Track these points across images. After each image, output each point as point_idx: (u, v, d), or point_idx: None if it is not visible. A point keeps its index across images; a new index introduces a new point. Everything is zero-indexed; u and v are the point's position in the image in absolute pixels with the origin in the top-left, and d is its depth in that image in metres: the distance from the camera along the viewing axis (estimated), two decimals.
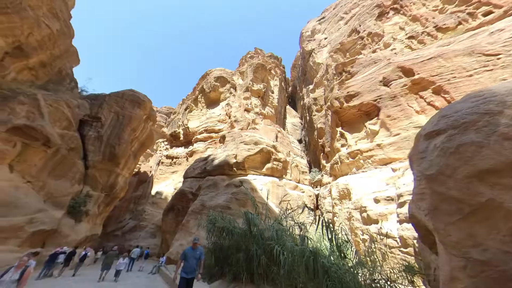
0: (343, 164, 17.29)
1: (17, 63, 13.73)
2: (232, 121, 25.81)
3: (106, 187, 18.86)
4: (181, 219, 17.80)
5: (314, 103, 33.93)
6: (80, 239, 15.69)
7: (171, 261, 14.00)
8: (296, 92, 55.47)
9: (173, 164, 34.25)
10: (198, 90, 38.99)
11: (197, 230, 14.36)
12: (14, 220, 11.35)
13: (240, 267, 7.98)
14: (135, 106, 21.61)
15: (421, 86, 15.86)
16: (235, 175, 17.53)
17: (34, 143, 12.64)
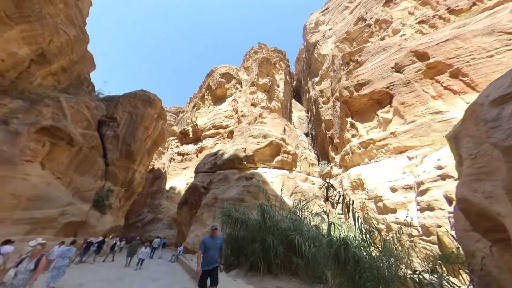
0: (354, 155, 16.56)
1: (42, 70, 14.29)
2: (239, 116, 25.35)
3: (125, 183, 19.62)
4: (195, 211, 18.04)
5: (320, 95, 32.92)
6: (106, 230, 16.74)
7: (188, 250, 14.40)
8: (301, 85, 54.24)
9: (184, 161, 34.59)
10: (204, 88, 38.65)
11: (211, 222, 14.20)
12: (48, 212, 12.07)
13: (256, 257, 7.70)
14: (147, 105, 22.04)
15: (437, 70, 14.81)
16: (245, 168, 17.16)
17: (60, 142, 13.26)
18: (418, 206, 9.61)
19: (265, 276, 7.43)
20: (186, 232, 18.52)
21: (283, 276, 7.43)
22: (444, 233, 8.11)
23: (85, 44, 18.34)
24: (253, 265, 8.10)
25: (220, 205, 14.61)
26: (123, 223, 21.37)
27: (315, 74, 39.59)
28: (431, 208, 8.74)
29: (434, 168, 9.22)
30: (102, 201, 16.67)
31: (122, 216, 20.83)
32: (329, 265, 5.01)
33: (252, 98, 26.76)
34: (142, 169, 22.15)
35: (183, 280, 8.39)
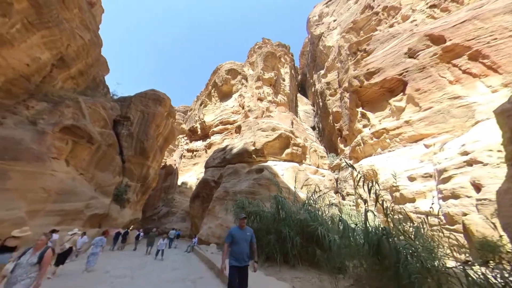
0: (366, 145, 15.83)
1: (62, 74, 14.78)
2: (246, 111, 24.87)
3: (140, 178, 20.30)
4: (207, 205, 18.10)
5: (327, 87, 31.89)
6: (126, 222, 17.68)
7: (202, 241, 14.58)
8: (306, 79, 52.97)
9: (194, 157, 34.79)
10: (210, 85, 38.32)
11: (224, 215, 14.02)
12: (75, 205, 12.77)
13: (272, 248, 7.44)
14: (157, 103, 22.40)
15: (454, 53, 13.77)
16: (255, 162, 16.68)
17: (81, 141, 13.84)
18: (440, 194, 8.95)
19: (282, 267, 7.14)
20: (199, 224, 18.88)
21: (300, 266, 7.12)
22: (470, 221, 7.48)
23: (99, 47, 18.69)
24: (269, 256, 7.87)
25: (232, 198, 14.36)
26: (141, 216, 22.47)
27: (321, 67, 38.42)
28: (455, 196, 8.08)
29: (458, 154, 8.51)
30: (121, 195, 17.46)
31: (140, 210, 21.86)
32: (362, 256, 4.54)
33: (258, 92, 26.17)
34: (155, 165, 22.71)
35: (200, 270, 8.30)
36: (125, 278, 6.99)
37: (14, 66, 11.03)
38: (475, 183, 7.43)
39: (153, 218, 27.54)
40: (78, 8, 14.60)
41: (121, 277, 7.03)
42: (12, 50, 10.73)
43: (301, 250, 7.34)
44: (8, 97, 11.29)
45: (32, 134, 11.04)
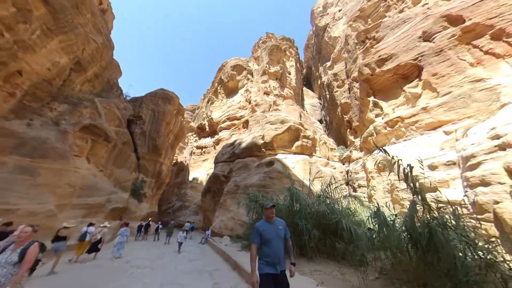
0: (379, 135, 15.03)
1: (80, 77, 15.26)
2: (253, 106, 24.34)
3: (154, 174, 21.01)
4: (218, 199, 18.10)
5: (334, 79, 30.75)
6: (143, 215, 18.57)
7: (215, 234, 14.67)
8: (312, 73, 51.54)
9: (203, 153, 35.00)
10: (217, 82, 37.96)
11: (235, 208, 13.82)
12: (97, 199, 13.40)
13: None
14: (166, 102, 22.82)
15: (474, 33, 12.64)
16: (264, 155, 16.24)
17: (98, 139, 14.40)
18: (467, 182, 8.23)
19: (299, 260, 6.78)
20: (211, 217, 19.01)
21: (318, 259, 6.76)
22: (503, 210, 6.79)
23: (111, 51, 19.06)
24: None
25: (243, 192, 14.09)
26: (157, 210, 23.79)
27: (327, 59, 37.15)
28: (485, 183, 7.37)
29: (488, 138, 7.73)
30: (138, 190, 18.22)
31: (156, 204, 22.99)
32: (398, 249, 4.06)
33: (265, 86, 25.53)
34: (167, 161, 23.38)
35: (215, 262, 8.21)
36: (144, 268, 7.01)
37: (37, 71, 11.50)
38: (510, 168, 6.69)
39: (168, 212, 28.70)
40: (90, 13, 14.92)
41: (141, 268, 7.08)
42: (34, 56, 11.11)
43: (318, 242, 6.95)
44: (34, 101, 11.89)
45: (56, 133, 11.68)
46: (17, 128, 10.41)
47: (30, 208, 9.29)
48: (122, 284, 5.31)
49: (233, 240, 12.49)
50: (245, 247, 9.56)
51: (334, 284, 4.89)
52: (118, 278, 5.85)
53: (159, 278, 5.86)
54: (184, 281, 5.69)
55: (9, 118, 10.56)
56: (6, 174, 9.34)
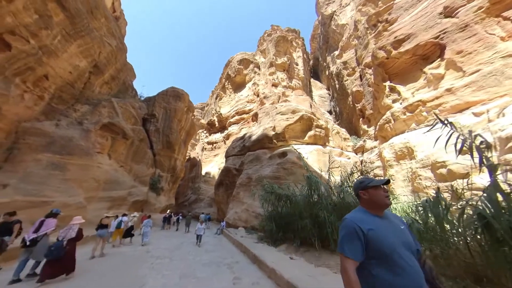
0: (397, 122, 13.90)
1: (98, 80, 15.71)
2: (262, 98, 23.55)
3: (169, 169, 21.71)
4: (230, 191, 17.96)
5: (344, 67, 29.19)
6: (162, 207, 19.30)
7: (230, 225, 14.68)
8: (319, 64, 49.53)
9: (214, 149, 35.11)
10: (224, 78, 37.35)
11: (249, 200, 13.47)
12: (120, 192, 14.03)
13: (309, 233, 6.68)
14: (177, 99, 23.22)
15: (504, 4, 11.04)
16: (276, 147, 15.52)
17: (117, 137, 14.92)
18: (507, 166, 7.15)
19: (322, 253, 6.25)
20: (224, 209, 19.16)
21: None
22: None
23: (124, 53, 19.35)
24: (304, 241, 7.06)
25: (255, 184, 13.64)
26: (174, 202, 25.00)
27: (335, 48, 35.33)
28: None
29: None
30: (156, 184, 18.90)
31: (172, 197, 24.05)
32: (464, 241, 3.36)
33: (272, 78, 24.58)
34: (181, 157, 24.00)
35: (233, 253, 7.88)
36: (164, 259, 6.92)
37: (60, 74, 12.03)
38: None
39: (185, 204, 29.78)
40: (104, 18, 15.22)
41: (160, 258, 7.01)
42: (57, 60, 11.56)
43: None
44: (61, 103, 12.65)
45: (80, 132, 12.35)
46: (47, 128, 11.08)
47: (64, 200, 10.11)
48: (142, 275, 5.16)
49: (248, 231, 12.23)
50: (262, 238, 9.17)
51: None
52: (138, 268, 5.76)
53: (178, 270, 5.64)
54: (203, 274, 5.41)
55: (41, 120, 11.30)
56: (41, 170, 10.10)
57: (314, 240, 6.28)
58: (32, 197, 9.27)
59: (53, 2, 10.49)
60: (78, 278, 4.57)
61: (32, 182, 9.63)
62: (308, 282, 3.69)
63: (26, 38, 9.69)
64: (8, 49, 9.34)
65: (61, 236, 4.67)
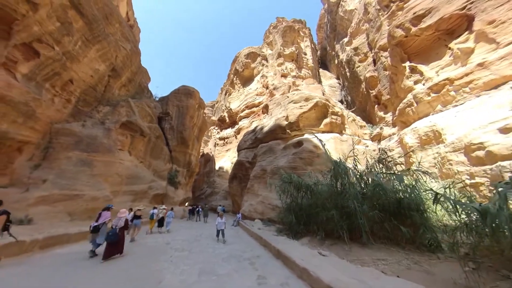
0: (421, 104, 12.61)
1: (117, 82, 16.20)
2: (271, 90, 22.65)
3: (185, 164, 22.21)
4: (244, 184, 17.69)
5: (355, 53, 27.37)
6: (180, 200, 19.91)
7: (245, 217, 14.54)
8: (327, 54, 47.22)
9: (226, 144, 34.96)
10: (232, 74, 36.68)
11: (264, 192, 12.98)
12: (141, 186, 14.46)
13: (336, 225, 6.01)
14: (188, 97, 23.48)
15: None
16: (290, 137, 14.62)
17: (135, 134, 15.35)
18: None
19: (352, 246, 5.56)
20: (239, 201, 19.04)
21: (375, 245, 5.49)
22: None
23: (138, 56, 19.72)
24: (328, 233, 6.45)
25: (270, 176, 13.08)
26: (191, 196, 25.87)
27: (343, 35, 33.27)
28: None
29: None
30: (173, 179, 19.40)
31: (190, 190, 24.85)
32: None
33: (281, 69, 23.52)
34: (195, 152, 24.46)
35: (253, 246, 7.38)
36: (183, 251, 6.67)
37: (83, 78, 12.54)
38: None
39: (201, 197, 30.39)
40: (118, 23, 15.57)
41: (179, 250, 6.74)
42: (79, 65, 12.01)
43: (373, 226, 5.60)
44: (86, 106, 13.40)
45: (103, 131, 12.90)
46: (75, 128, 11.79)
47: (93, 194, 10.71)
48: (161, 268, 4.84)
49: (265, 223, 11.77)
50: (280, 231, 8.73)
51: (417, 278, 3.54)
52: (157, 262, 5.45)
53: (197, 265, 5.19)
54: (223, 270, 4.86)
55: (69, 121, 12.10)
56: (72, 167, 10.80)
57: (343, 233, 5.59)
58: (66, 190, 9.91)
59: (72, 10, 10.77)
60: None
61: (66, 178, 10.27)
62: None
63: (51, 45, 10.06)
64: (37, 56, 9.79)
65: (114, 225, 5.86)
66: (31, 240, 5.63)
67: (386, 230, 5.37)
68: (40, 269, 4.57)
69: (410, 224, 5.32)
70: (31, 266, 4.66)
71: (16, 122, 9.18)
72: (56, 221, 9.06)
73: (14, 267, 4.56)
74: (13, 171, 9.47)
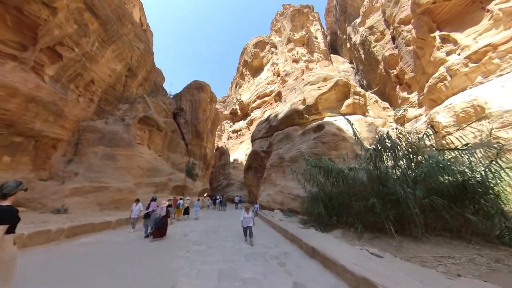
0: (456, 77, 10.83)
1: (134, 82, 16.55)
2: (283, 77, 21.26)
3: (201, 157, 22.53)
4: (260, 174, 17.06)
5: (370, 33, 24.83)
6: (199, 191, 20.36)
7: (263, 207, 14.23)
8: (337, 38, 43.85)
9: (239, 136, 34.63)
10: (241, 65, 35.45)
11: (283, 181, 12.13)
12: (161, 179, 14.81)
13: (380, 216, 5.02)
14: (200, 91, 23.47)
15: None
16: (307, 122, 13.39)
17: (152, 129, 15.68)
18: None
19: (402, 241, 4.58)
20: (255, 191, 18.66)
21: (432, 238, 4.43)
22: None
23: (151, 55, 19.98)
24: (366, 225, 5.51)
25: (288, 164, 12.16)
26: (209, 187, 26.51)
27: (355, 16, 30.42)
28: None
29: None
30: (191, 171, 19.69)
31: (207, 182, 25.44)
32: None
33: (292, 54, 21.94)
34: (209, 145, 24.68)
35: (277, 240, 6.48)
36: (200, 245, 5.97)
37: (103, 78, 12.97)
38: None
39: (218, 188, 30.89)
40: (131, 24, 15.77)
41: (197, 244, 6.09)
42: (98, 65, 12.41)
43: (428, 216, 4.65)
44: (107, 104, 14.06)
45: (123, 127, 13.41)
46: (99, 125, 12.43)
47: (118, 186, 11.12)
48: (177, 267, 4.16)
49: (286, 214, 10.84)
50: (305, 222, 7.78)
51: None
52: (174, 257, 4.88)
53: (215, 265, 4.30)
54: (247, 272, 3.89)
55: (94, 119, 12.83)
56: (98, 160, 11.32)
57: (388, 225, 4.63)
58: (95, 183, 10.44)
59: (87, 12, 11.03)
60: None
61: (93, 171, 10.82)
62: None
63: (71, 47, 10.43)
64: (61, 59, 10.22)
65: (159, 213, 7.02)
66: (57, 229, 5.76)
67: (444, 220, 4.29)
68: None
69: (474, 212, 4.19)
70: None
71: (48, 121, 9.75)
72: (88, 211, 9.54)
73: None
74: (51, 166, 10.31)
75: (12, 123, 8.44)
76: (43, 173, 9.97)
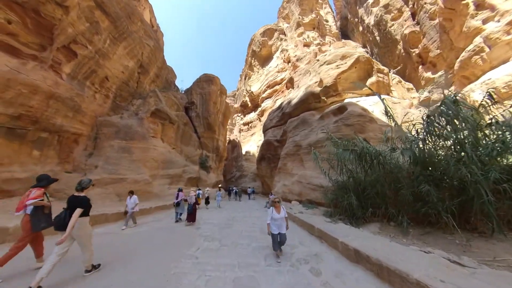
0: (497, 48, 9.47)
1: (146, 78, 16.68)
2: (294, 62, 20.10)
3: (214, 149, 22.55)
4: (274, 165, 16.53)
5: (386, 12, 22.73)
6: (213, 183, 20.56)
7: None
8: (347, 23, 40.92)
9: (250, 128, 34.13)
10: (249, 56, 34.31)
11: (300, 170, 11.45)
12: (175, 170, 14.95)
13: (436, 207, 4.13)
14: (210, 83, 23.28)
15: None
16: (325, 105, 12.28)
17: (165, 122, 15.76)
18: None
19: (469, 238, 3.69)
20: (269, 182, 18.17)
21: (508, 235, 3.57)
22: None
23: (162, 52, 20.05)
24: (411, 219, 4.68)
25: (306, 152, 11.43)
26: (223, 179, 26.92)
27: None
28: None
29: None
30: (204, 163, 19.72)
31: (220, 174, 25.73)
32: None
33: (303, 38, 20.61)
34: (221, 138, 24.60)
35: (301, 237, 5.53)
36: (213, 241, 5.20)
37: (116, 74, 13.18)
38: None
39: (232, 180, 31.22)
40: (140, 21, 15.85)
41: (209, 240, 5.34)
42: (111, 62, 12.61)
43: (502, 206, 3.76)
44: (122, 100, 14.36)
45: (137, 121, 13.63)
46: (114, 120, 12.72)
47: (134, 177, 11.35)
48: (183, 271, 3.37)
49: (305, 205, 9.89)
50: (331, 215, 6.90)
51: None
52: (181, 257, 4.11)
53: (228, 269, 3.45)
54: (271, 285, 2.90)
55: (110, 115, 13.17)
56: (115, 153, 11.61)
57: (447, 217, 3.88)
58: (113, 175, 10.76)
59: (97, 10, 11.17)
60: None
61: (111, 163, 11.12)
62: None
63: (85, 44, 10.65)
64: (75, 56, 10.46)
65: (190, 201, 7.78)
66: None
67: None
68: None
69: None
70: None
71: (68, 116, 10.10)
72: (108, 201, 9.85)
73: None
74: (74, 159, 10.77)
75: (36, 119, 8.76)
76: (67, 166, 10.46)
